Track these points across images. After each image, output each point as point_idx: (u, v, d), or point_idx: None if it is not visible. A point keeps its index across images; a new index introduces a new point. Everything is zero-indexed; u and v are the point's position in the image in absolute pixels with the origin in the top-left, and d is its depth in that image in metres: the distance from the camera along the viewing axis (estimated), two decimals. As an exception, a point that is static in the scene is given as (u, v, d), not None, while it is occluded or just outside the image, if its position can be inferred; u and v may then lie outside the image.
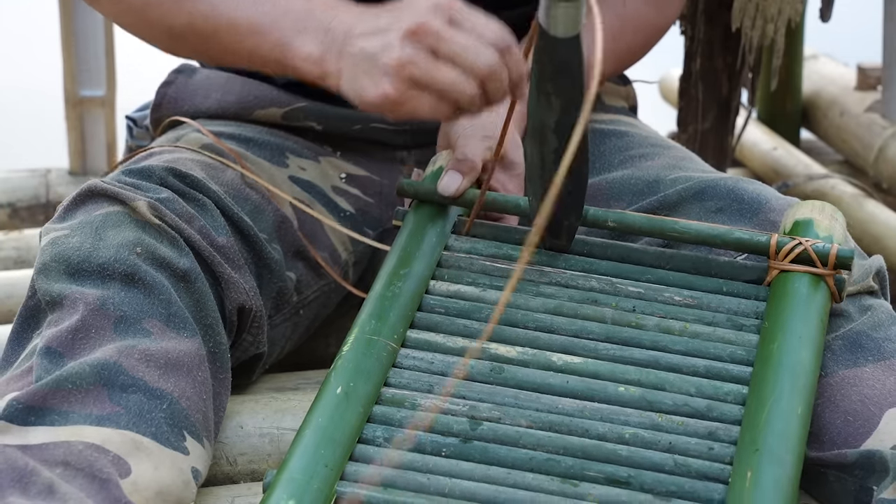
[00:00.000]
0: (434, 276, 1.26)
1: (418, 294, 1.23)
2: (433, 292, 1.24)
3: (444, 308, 1.23)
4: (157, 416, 1.14)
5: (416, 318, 1.22)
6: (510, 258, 1.28)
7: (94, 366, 1.14)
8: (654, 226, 1.27)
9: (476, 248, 1.29)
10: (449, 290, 1.25)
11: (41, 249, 1.23)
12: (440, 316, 1.22)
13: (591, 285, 1.25)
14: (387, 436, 1.12)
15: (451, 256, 1.28)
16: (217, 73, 1.52)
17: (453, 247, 1.29)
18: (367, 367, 1.15)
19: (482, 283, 1.25)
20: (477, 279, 1.26)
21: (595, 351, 1.19)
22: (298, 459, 1.07)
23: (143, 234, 1.22)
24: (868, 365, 1.22)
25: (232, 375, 1.27)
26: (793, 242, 1.23)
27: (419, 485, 1.08)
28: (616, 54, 1.47)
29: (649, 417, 1.13)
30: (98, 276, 1.19)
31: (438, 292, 1.24)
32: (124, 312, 1.18)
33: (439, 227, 1.30)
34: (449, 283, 1.25)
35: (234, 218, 1.32)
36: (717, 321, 1.22)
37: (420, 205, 1.31)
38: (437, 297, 1.24)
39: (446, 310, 1.23)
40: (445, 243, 1.29)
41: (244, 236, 1.33)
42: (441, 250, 1.28)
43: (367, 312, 1.21)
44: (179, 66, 1.54)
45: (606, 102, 1.56)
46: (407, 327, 1.20)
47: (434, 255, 1.27)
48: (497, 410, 1.14)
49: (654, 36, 1.51)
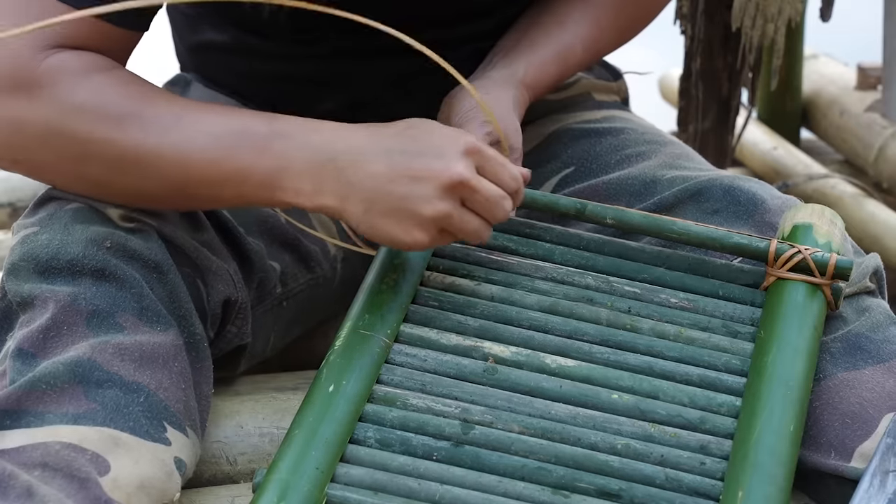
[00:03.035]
0: (429, 265, 1.25)
1: (413, 286, 1.22)
2: (428, 284, 1.24)
3: (437, 302, 1.22)
4: (134, 409, 1.13)
5: (410, 311, 1.21)
6: (506, 249, 1.27)
7: (67, 364, 1.13)
8: (652, 224, 1.26)
9: None
10: (444, 282, 1.24)
11: (11, 249, 1.21)
12: (434, 310, 1.21)
13: (587, 283, 1.24)
14: (378, 437, 1.11)
15: (447, 246, 1.26)
16: (210, 92, 1.50)
17: None
18: (359, 364, 1.14)
19: (477, 277, 1.24)
20: (472, 271, 1.24)
21: (589, 354, 1.18)
22: (288, 460, 1.07)
23: (113, 228, 1.20)
24: (867, 367, 1.21)
25: (217, 367, 1.26)
26: (792, 251, 1.22)
27: (409, 490, 1.07)
28: (618, 29, 1.45)
29: (642, 427, 1.13)
30: (68, 272, 1.18)
31: (433, 284, 1.23)
32: (96, 307, 1.17)
33: None
34: (444, 275, 1.24)
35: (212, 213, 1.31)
36: (713, 327, 1.21)
37: None
38: (431, 289, 1.23)
39: (440, 303, 1.22)
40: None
41: (223, 230, 1.32)
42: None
43: (361, 305, 1.20)
44: (174, 77, 1.53)
45: (597, 99, 1.55)
46: (401, 321, 1.20)
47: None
48: (489, 414, 1.13)
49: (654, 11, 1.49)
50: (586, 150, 1.43)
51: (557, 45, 1.40)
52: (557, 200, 1.27)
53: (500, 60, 1.39)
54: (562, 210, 1.27)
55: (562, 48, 1.40)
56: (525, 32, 1.41)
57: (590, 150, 1.43)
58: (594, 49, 1.43)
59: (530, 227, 1.29)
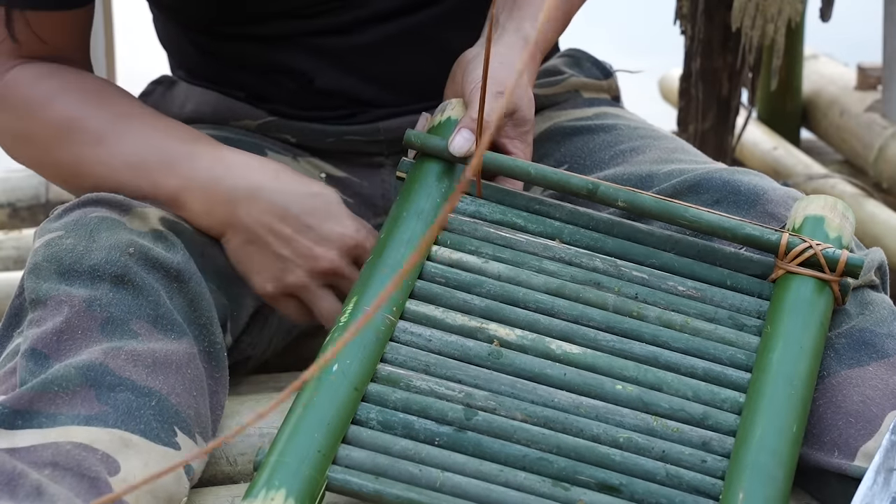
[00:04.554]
0: (437, 240, 1.23)
1: (420, 260, 1.21)
2: (435, 259, 1.22)
3: (444, 278, 1.20)
4: (145, 413, 1.13)
5: (417, 287, 1.19)
6: (514, 226, 1.25)
7: (79, 368, 1.13)
8: (664, 210, 1.24)
9: (481, 211, 1.26)
10: (451, 258, 1.22)
11: (34, 250, 1.23)
12: (440, 287, 1.20)
13: (594, 265, 1.23)
14: (381, 418, 1.10)
15: (455, 219, 1.25)
16: (194, 88, 1.51)
17: (458, 208, 1.26)
18: (364, 342, 1.13)
19: (485, 254, 1.23)
20: (480, 247, 1.23)
21: (595, 341, 1.18)
22: (290, 441, 1.06)
23: (138, 236, 1.22)
24: (871, 364, 1.21)
25: None
26: (803, 245, 1.21)
27: (411, 475, 1.07)
28: (567, 14, 1.45)
29: (644, 420, 1.13)
30: (88, 277, 1.19)
31: (441, 259, 1.22)
32: (111, 313, 1.17)
33: (445, 185, 1.27)
34: (451, 251, 1.23)
35: None
36: (720, 318, 1.21)
37: (424, 158, 1.28)
38: (438, 265, 1.21)
39: (447, 280, 1.20)
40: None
41: None
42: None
43: (366, 280, 1.19)
44: (159, 77, 1.54)
45: (586, 97, 1.54)
46: (407, 297, 1.18)
47: (437, 216, 1.24)
48: (493, 400, 1.13)
49: None
50: (579, 147, 1.43)
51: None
52: (569, 179, 1.25)
53: (506, 22, 1.36)
54: (573, 189, 1.25)
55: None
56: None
57: (583, 147, 1.43)
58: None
59: (540, 203, 1.27)
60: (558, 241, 1.25)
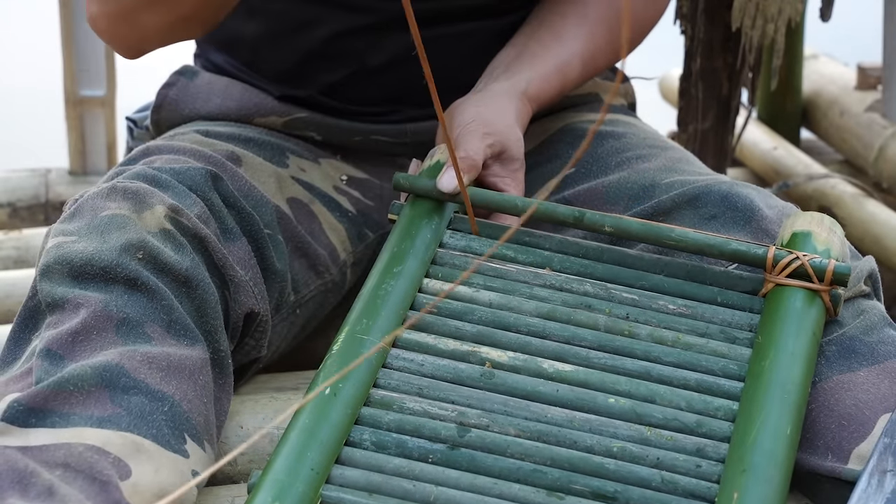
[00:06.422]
0: (428, 273, 1.25)
1: (411, 292, 1.22)
2: (426, 291, 1.24)
3: (436, 308, 1.22)
4: (158, 418, 1.14)
5: (408, 317, 1.21)
6: (505, 258, 1.27)
7: (95, 368, 1.13)
8: (650, 232, 1.25)
9: (471, 246, 1.28)
10: (442, 289, 1.24)
11: (45, 251, 1.23)
12: (432, 316, 1.21)
13: (585, 289, 1.24)
14: (374, 439, 1.11)
15: (447, 254, 1.27)
16: (218, 77, 1.52)
17: (448, 244, 1.28)
18: (356, 368, 1.14)
19: (476, 284, 1.24)
20: (471, 279, 1.25)
21: (587, 359, 1.18)
22: (284, 460, 1.07)
23: (147, 237, 1.22)
24: (862, 369, 1.21)
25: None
26: (790, 257, 1.22)
27: (405, 491, 1.07)
28: (613, 43, 1.47)
29: (638, 431, 1.13)
30: (101, 279, 1.19)
31: (432, 291, 1.24)
32: (127, 315, 1.18)
33: (435, 223, 1.29)
34: (443, 283, 1.24)
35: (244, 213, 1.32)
36: (711, 332, 1.21)
37: (416, 200, 1.30)
38: (430, 296, 1.23)
39: (439, 310, 1.22)
40: (441, 240, 1.28)
41: (251, 233, 1.33)
42: (436, 247, 1.27)
43: (359, 310, 1.20)
44: (181, 67, 1.54)
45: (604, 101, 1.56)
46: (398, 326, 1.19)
47: (429, 252, 1.26)
48: (486, 417, 1.13)
49: (647, 28, 1.52)
50: (588, 151, 1.44)
51: (557, 60, 1.43)
52: (556, 209, 1.27)
53: (501, 73, 1.41)
54: (560, 218, 1.27)
55: (561, 62, 1.43)
56: (525, 46, 1.43)
57: (591, 152, 1.44)
58: (592, 64, 1.46)
59: (529, 236, 1.29)
60: (548, 269, 1.26)
